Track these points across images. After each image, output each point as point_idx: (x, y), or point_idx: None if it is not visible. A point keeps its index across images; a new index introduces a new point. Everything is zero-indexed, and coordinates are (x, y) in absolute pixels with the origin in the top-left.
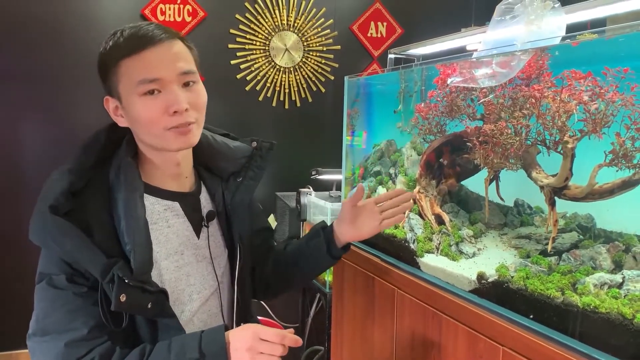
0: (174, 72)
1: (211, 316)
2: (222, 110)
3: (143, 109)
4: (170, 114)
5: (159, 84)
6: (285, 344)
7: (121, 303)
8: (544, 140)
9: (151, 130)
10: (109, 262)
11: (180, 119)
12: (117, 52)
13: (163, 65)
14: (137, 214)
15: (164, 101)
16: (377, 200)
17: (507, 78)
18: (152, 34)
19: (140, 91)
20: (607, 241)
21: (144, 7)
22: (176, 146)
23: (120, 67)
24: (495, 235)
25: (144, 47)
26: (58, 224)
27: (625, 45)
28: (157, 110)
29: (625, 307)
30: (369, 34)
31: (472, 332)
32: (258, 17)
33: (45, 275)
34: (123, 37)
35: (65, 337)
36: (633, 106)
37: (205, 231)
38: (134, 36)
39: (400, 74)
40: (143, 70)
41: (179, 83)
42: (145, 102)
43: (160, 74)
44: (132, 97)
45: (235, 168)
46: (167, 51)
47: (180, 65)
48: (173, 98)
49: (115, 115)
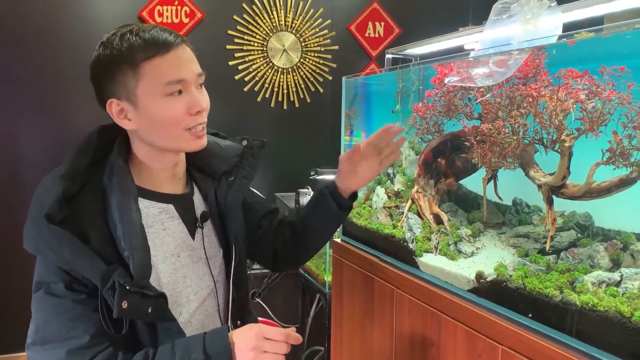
0: (194, 73)
1: (208, 316)
2: (221, 111)
3: (167, 109)
4: (192, 114)
5: (183, 84)
6: (289, 342)
7: (123, 310)
8: (542, 139)
9: (171, 131)
10: (109, 269)
11: (199, 118)
12: (139, 53)
13: (187, 65)
14: (132, 218)
15: (187, 101)
16: (369, 143)
17: (504, 77)
18: (172, 37)
19: (167, 92)
20: (605, 239)
21: (141, 9)
22: (193, 147)
23: (141, 69)
24: (493, 235)
25: (168, 48)
26: (55, 233)
27: (622, 43)
28: (181, 110)
29: (623, 305)
30: (367, 34)
31: (471, 331)
32: (256, 17)
33: (43, 284)
34: (142, 39)
35: (66, 345)
36: (630, 104)
37: (199, 232)
38: (156, 38)
39: (397, 73)
40: (170, 71)
41: (196, 84)
42: (170, 103)
43: (185, 74)
44: (156, 98)
45: (227, 167)
46: (186, 53)
47: (195, 68)
48: (195, 98)
49: (120, 118)
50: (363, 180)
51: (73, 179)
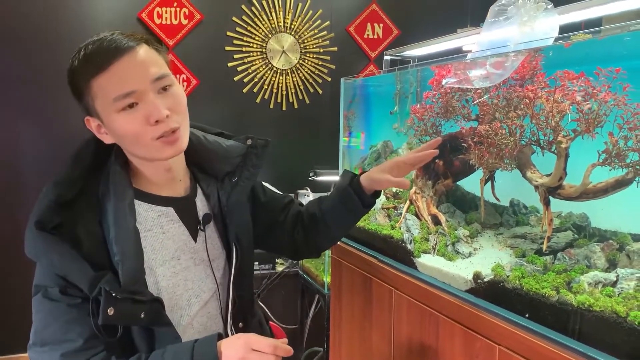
0: (147, 80)
1: (211, 318)
2: (220, 112)
3: (124, 124)
4: (152, 124)
5: (135, 96)
6: (278, 354)
7: (109, 316)
8: (538, 140)
9: (138, 143)
10: (97, 276)
11: (163, 126)
12: (85, 72)
13: (134, 75)
14: (125, 223)
15: (144, 112)
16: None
17: (501, 79)
18: (115, 45)
19: (118, 107)
20: (602, 240)
21: (140, 11)
22: (166, 155)
23: (91, 87)
24: (491, 235)
25: (110, 61)
26: (44, 239)
27: (618, 45)
28: (138, 123)
29: (619, 305)
30: (366, 35)
31: (469, 331)
32: (255, 19)
33: (41, 288)
34: (87, 55)
35: (61, 348)
36: (625, 106)
37: (202, 234)
38: (97, 51)
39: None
40: (115, 85)
41: (155, 90)
42: (125, 118)
43: (134, 85)
44: (111, 115)
45: (230, 168)
46: (135, 60)
47: (152, 71)
48: (152, 108)
49: (99, 133)
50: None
51: (67, 185)
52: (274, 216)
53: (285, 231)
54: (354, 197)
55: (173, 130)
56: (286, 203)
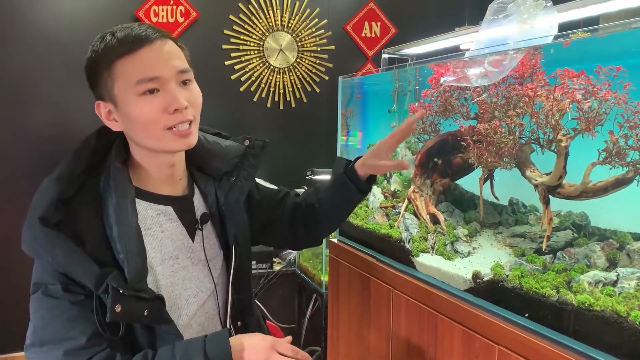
0: (172, 70)
1: (209, 318)
2: (217, 111)
3: (142, 108)
4: (171, 113)
5: (158, 82)
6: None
7: (116, 313)
8: (538, 139)
9: (150, 131)
10: (102, 273)
11: (180, 117)
12: (111, 53)
13: (160, 63)
14: (128, 220)
15: (164, 100)
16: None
17: (500, 77)
18: (145, 33)
19: (139, 90)
20: (602, 239)
21: (137, 9)
22: (176, 147)
23: (114, 69)
24: (490, 234)
25: (139, 46)
26: (48, 235)
27: (618, 43)
28: (156, 109)
29: (620, 305)
30: (363, 33)
31: (468, 331)
32: (252, 17)
33: (41, 285)
34: (116, 38)
35: (63, 346)
36: (626, 104)
37: (199, 234)
38: (128, 36)
39: (394, 73)
40: (141, 69)
41: (177, 81)
42: (144, 102)
43: (159, 72)
44: (130, 98)
45: (228, 168)
46: (162, 50)
47: (176, 64)
48: (172, 96)
49: (108, 119)
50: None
51: (70, 182)
52: (271, 212)
53: (284, 225)
54: (350, 185)
55: (189, 121)
56: (281, 197)
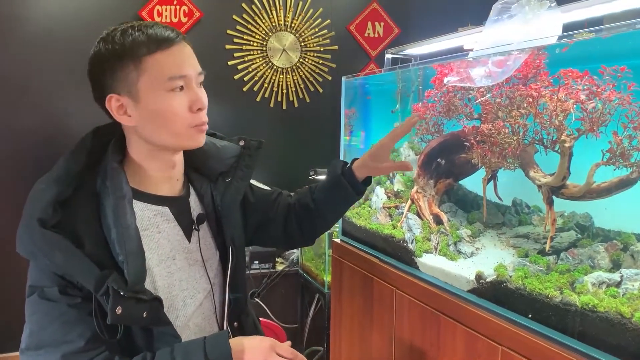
0: (196, 70)
1: (205, 319)
2: (220, 111)
3: (170, 104)
4: (194, 111)
5: (185, 81)
6: None
7: (117, 315)
8: (542, 140)
9: (173, 127)
10: (103, 275)
11: (202, 116)
12: (142, 48)
13: (190, 62)
14: (127, 222)
15: (189, 98)
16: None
17: (504, 77)
18: (174, 33)
19: (169, 87)
20: (605, 240)
21: (141, 9)
22: (198, 143)
23: (144, 62)
24: (493, 235)
25: (173, 42)
26: (47, 237)
27: (622, 43)
28: (183, 106)
29: (624, 306)
30: (366, 34)
31: (471, 331)
32: (255, 17)
33: (37, 288)
34: (145, 34)
35: (61, 349)
36: (630, 105)
37: (196, 234)
38: (158, 33)
39: (397, 74)
40: (174, 66)
41: (197, 82)
42: (172, 98)
43: (189, 70)
44: (158, 93)
45: (224, 168)
46: (188, 49)
47: (196, 65)
48: (197, 96)
49: (119, 114)
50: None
51: (67, 182)
52: (265, 213)
53: (278, 225)
54: (346, 186)
55: (205, 123)
56: (275, 197)
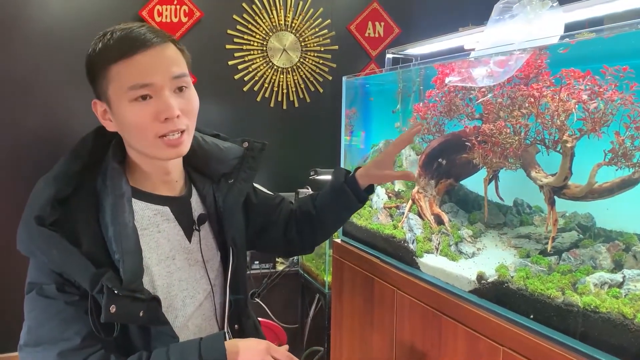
0: (167, 76)
1: (205, 320)
2: (220, 110)
3: (133, 115)
4: (162, 121)
5: (151, 89)
6: None
7: (111, 314)
8: (543, 140)
9: (141, 137)
10: (97, 273)
11: (171, 125)
12: (107, 55)
13: (155, 70)
14: (125, 220)
15: (155, 107)
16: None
17: (505, 77)
18: (144, 37)
19: (131, 97)
20: (607, 240)
21: (141, 9)
22: (166, 156)
23: (110, 71)
24: (494, 235)
25: (135, 51)
26: (44, 235)
27: (624, 43)
28: (147, 116)
29: (626, 307)
30: (367, 33)
31: (472, 332)
32: (255, 17)
33: (36, 285)
34: (113, 40)
35: (58, 347)
36: (632, 105)
37: (196, 235)
38: (125, 39)
39: (398, 73)
40: (135, 75)
41: (171, 88)
42: (135, 108)
43: (153, 79)
44: (122, 103)
45: (227, 169)
46: (159, 55)
47: (173, 70)
48: (164, 104)
49: (104, 119)
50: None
51: (66, 181)
52: (267, 217)
53: (279, 231)
54: (349, 193)
55: (181, 130)
56: (277, 203)
